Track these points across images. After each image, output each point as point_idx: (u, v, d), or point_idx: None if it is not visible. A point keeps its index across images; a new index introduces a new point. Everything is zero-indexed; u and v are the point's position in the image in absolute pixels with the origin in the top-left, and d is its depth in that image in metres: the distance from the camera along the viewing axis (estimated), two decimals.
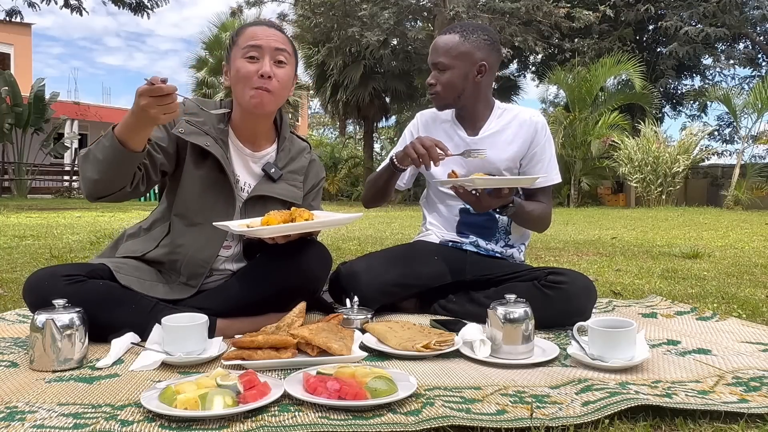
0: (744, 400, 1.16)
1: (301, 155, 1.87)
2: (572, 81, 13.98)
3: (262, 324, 1.60)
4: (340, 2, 13.58)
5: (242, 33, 1.71)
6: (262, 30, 1.70)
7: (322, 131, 33.26)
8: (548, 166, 2.03)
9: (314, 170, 1.92)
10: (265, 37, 1.68)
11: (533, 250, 4.06)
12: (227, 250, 1.77)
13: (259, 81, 1.65)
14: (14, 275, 2.88)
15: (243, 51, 1.67)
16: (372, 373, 1.19)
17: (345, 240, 4.88)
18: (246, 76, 1.66)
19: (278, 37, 1.71)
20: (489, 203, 1.82)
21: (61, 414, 1.11)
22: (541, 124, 2.03)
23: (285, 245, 1.67)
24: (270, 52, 1.67)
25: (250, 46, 1.67)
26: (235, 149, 1.78)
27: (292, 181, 1.82)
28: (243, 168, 1.78)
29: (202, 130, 1.71)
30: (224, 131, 1.75)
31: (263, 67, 1.66)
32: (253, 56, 1.67)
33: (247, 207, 1.76)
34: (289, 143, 1.85)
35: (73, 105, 18.90)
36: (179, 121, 1.68)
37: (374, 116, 19.91)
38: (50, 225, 6.34)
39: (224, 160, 1.70)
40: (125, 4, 10.77)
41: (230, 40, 1.74)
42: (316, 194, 1.94)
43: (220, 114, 1.75)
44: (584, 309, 1.78)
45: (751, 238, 5.21)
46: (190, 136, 1.68)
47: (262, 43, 1.67)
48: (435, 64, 1.96)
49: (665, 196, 12.38)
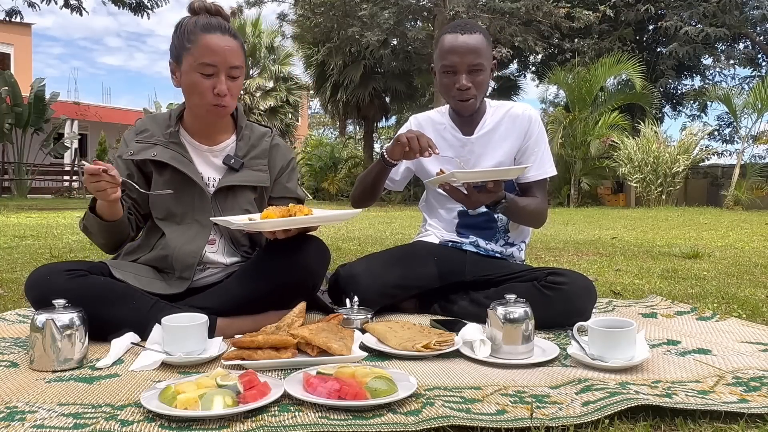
0: (744, 400, 1.16)
1: (261, 140, 1.87)
2: (572, 81, 13.97)
3: (262, 323, 1.60)
4: (340, 2, 13.58)
5: (197, 42, 1.65)
6: (216, 42, 1.65)
7: (322, 131, 33.29)
8: (542, 159, 2.01)
9: (280, 153, 1.91)
10: (222, 52, 1.64)
11: (533, 250, 4.06)
12: (212, 245, 1.80)
13: (215, 99, 1.67)
14: (14, 275, 2.88)
15: (198, 66, 1.65)
16: (372, 373, 1.19)
17: (345, 240, 4.88)
18: (201, 92, 1.67)
19: (233, 50, 1.67)
20: (478, 199, 1.79)
21: (61, 414, 1.11)
22: (534, 117, 2.02)
23: (283, 241, 1.68)
24: (225, 70, 1.66)
25: (205, 64, 1.64)
26: (192, 147, 1.80)
27: (256, 167, 1.83)
28: (204, 164, 1.80)
29: (149, 142, 1.76)
30: (174, 133, 1.78)
31: (219, 85, 1.65)
32: (209, 74, 1.65)
33: (218, 199, 1.78)
34: (248, 131, 1.86)
35: (73, 105, 18.90)
36: (130, 143, 1.78)
37: (374, 116, 19.94)
38: (50, 225, 6.34)
39: (176, 160, 1.73)
40: (125, 4, 10.76)
41: (181, 38, 1.68)
42: (289, 176, 1.93)
43: (167, 118, 1.80)
44: (584, 309, 1.78)
45: (751, 238, 5.21)
46: (139, 154, 1.75)
47: (218, 62, 1.64)
48: (473, 66, 1.86)
49: (665, 196, 12.38)
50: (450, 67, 1.88)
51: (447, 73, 1.90)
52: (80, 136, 18.88)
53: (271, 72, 19.67)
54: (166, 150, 1.74)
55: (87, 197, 1.75)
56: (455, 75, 1.88)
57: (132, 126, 1.86)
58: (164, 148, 1.75)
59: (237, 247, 1.83)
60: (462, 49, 1.85)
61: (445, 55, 1.88)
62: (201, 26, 1.67)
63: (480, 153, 2.00)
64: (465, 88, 1.88)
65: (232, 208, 1.78)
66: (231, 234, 1.81)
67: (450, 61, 1.87)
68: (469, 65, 1.86)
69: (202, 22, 1.67)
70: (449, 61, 1.87)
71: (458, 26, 1.90)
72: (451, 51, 1.87)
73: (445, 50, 1.88)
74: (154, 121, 1.82)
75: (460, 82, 1.87)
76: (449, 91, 1.92)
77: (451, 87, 1.90)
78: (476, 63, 1.87)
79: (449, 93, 1.93)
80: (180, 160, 1.74)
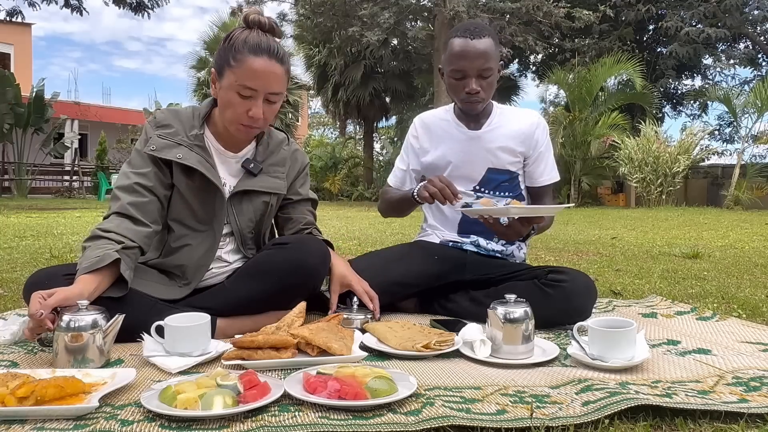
0: (744, 400, 1.16)
1: (280, 147, 1.87)
2: (572, 81, 13.98)
3: (262, 323, 1.60)
4: (340, 2, 13.57)
5: (242, 62, 1.59)
6: (263, 67, 1.59)
7: (322, 131, 33.30)
8: (552, 165, 2.09)
9: (298, 158, 1.92)
10: (265, 78, 1.60)
11: (533, 250, 4.06)
12: (223, 245, 1.79)
13: (248, 120, 1.64)
14: (14, 275, 2.88)
15: (238, 86, 1.60)
16: (372, 373, 1.19)
17: (345, 239, 4.88)
18: (237, 112, 1.64)
19: (277, 76, 1.63)
20: (520, 230, 1.80)
21: None
22: (543, 125, 2.07)
23: (283, 240, 1.70)
24: (264, 95, 1.62)
25: (246, 86, 1.60)
26: (216, 152, 1.77)
27: (274, 174, 1.83)
28: (225, 169, 1.78)
29: (173, 141, 1.70)
30: (199, 136, 1.73)
31: (254, 108, 1.61)
32: (247, 96, 1.61)
33: (233, 202, 1.77)
34: (267, 137, 1.85)
35: (73, 105, 18.91)
36: (151, 137, 1.70)
37: (374, 116, 19.94)
38: (50, 225, 6.34)
39: (203, 165, 1.70)
40: (126, 4, 10.74)
41: (227, 52, 1.62)
42: (303, 181, 1.94)
43: (191, 117, 1.75)
44: (585, 308, 1.78)
45: (751, 238, 5.21)
46: (162, 151, 1.68)
47: (259, 86, 1.60)
48: (483, 70, 1.87)
49: (665, 196, 12.37)
50: (459, 72, 1.89)
51: (456, 77, 1.91)
52: (80, 136, 18.88)
53: None
54: (191, 153, 1.69)
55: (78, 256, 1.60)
56: (464, 79, 1.90)
57: (152, 117, 1.78)
58: (189, 151, 1.69)
59: (244, 248, 1.82)
60: (472, 55, 1.86)
61: (455, 60, 1.88)
62: (250, 47, 1.60)
63: (487, 146, 2.02)
64: (475, 92, 1.90)
65: (246, 212, 1.78)
66: (241, 234, 1.80)
67: (460, 66, 1.88)
68: (479, 70, 1.88)
69: (252, 42, 1.60)
70: (459, 66, 1.88)
71: (468, 30, 1.89)
72: (460, 56, 1.87)
73: (455, 54, 1.88)
74: (177, 118, 1.74)
75: (470, 86, 1.89)
76: (458, 93, 1.94)
77: (460, 90, 1.92)
78: (486, 68, 1.88)
79: (458, 95, 1.94)
80: (206, 165, 1.70)
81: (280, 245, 1.76)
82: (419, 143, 2.12)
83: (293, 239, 1.79)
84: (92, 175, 18.19)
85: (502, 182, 2.03)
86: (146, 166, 1.68)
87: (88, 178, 18.40)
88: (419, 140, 2.13)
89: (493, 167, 2.02)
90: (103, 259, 1.48)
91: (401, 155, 2.20)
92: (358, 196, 17.30)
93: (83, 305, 1.38)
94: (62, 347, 1.36)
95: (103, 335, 1.39)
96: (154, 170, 1.68)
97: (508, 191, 2.04)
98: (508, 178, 2.03)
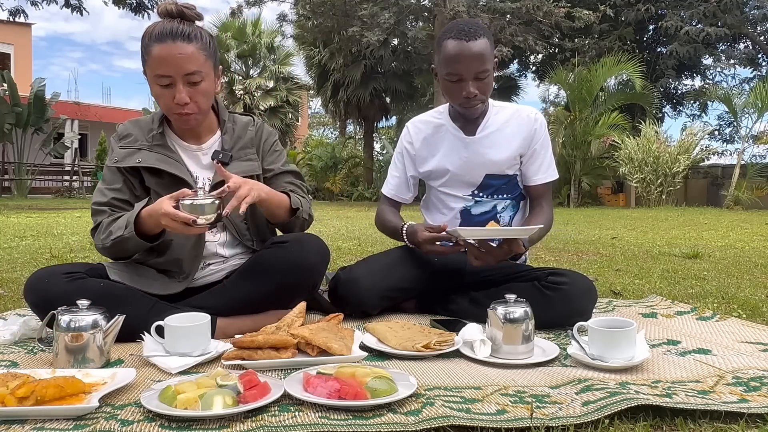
0: (744, 400, 1.16)
1: (246, 129, 1.86)
2: (573, 81, 13.97)
3: (262, 322, 1.60)
4: (340, 2, 13.57)
5: (150, 53, 1.60)
6: (167, 52, 1.58)
7: (322, 131, 33.30)
8: (549, 163, 2.03)
9: (264, 135, 1.90)
10: (173, 61, 1.58)
11: (533, 250, 4.06)
12: (214, 238, 1.78)
13: (177, 108, 1.64)
14: (14, 275, 2.88)
15: (155, 78, 1.61)
16: (372, 373, 1.19)
17: (345, 240, 4.88)
18: (165, 103, 1.65)
19: (186, 56, 1.59)
20: (499, 255, 1.77)
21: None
22: (541, 121, 2.02)
23: (282, 239, 1.69)
24: (181, 78, 1.60)
25: (160, 75, 1.60)
26: (181, 148, 1.78)
27: (245, 157, 1.82)
28: (196, 165, 1.78)
29: (133, 147, 1.73)
30: (157, 135, 1.75)
31: (177, 94, 1.61)
32: (166, 84, 1.62)
33: None
34: (231, 123, 1.85)
35: (73, 105, 18.91)
36: (114, 150, 1.75)
37: (374, 116, 19.93)
38: (50, 225, 6.34)
39: (164, 162, 1.71)
40: (125, 4, 10.74)
41: (142, 50, 1.64)
42: (275, 155, 1.90)
43: (150, 121, 1.78)
44: (585, 310, 1.78)
45: (751, 238, 5.21)
46: (124, 161, 1.72)
47: (171, 71, 1.59)
48: (479, 72, 1.81)
49: (665, 196, 12.37)
50: (455, 75, 1.83)
51: (452, 80, 1.85)
52: (80, 136, 18.88)
53: (271, 72, 19.67)
54: (150, 154, 1.71)
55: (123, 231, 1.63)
56: (461, 82, 1.84)
57: (115, 132, 1.82)
58: (149, 152, 1.72)
59: (241, 238, 1.82)
60: (467, 58, 1.79)
61: (450, 63, 1.82)
62: (155, 36, 1.60)
63: (484, 152, 1.98)
64: (473, 95, 1.84)
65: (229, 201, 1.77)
66: (234, 225, 1.80)
67: (455, 69, 1.82)
68: (476, 72, 1.82)
69: (156, 32, 1.60)
70: (454, 69, 1.82)
71: (461, 31, 1.80)
72: (455, 59, 1.80)
73: (449, 58, 1.81)
74: (136, 125, 1.78)
75: (467, 90, 1.83)
76: (455, 97, 1.88)
77: (457, 93, 1.86)
78: (482, 69, 1.82)
79: (455, 98, 1.88)
80: (167, 161, 1.71)
81: (278, 244, 1.76)
82: (415, 150, 2.08)
83: (292, 237, 1.79)
84: (92, 175, 18.19)
85: (500, 186, 2.02)
86: (117, 181, 1.72)
87: (88, 178, 18.40)
88: (414, 146, 2.08)
89: (491, 173, 2.00)
90: (138, 205, 1.62)
91: (394, 162, 2.15)
92: (358, 196, 17.30)
93: (83, 305, 1.38)
94: (62, 347, 1.36)
95: (103, 335, 1.39)
96: (124, 183, 1.72)
97: (506, 193, 2.03)
98: (505, 181, 2.02)
